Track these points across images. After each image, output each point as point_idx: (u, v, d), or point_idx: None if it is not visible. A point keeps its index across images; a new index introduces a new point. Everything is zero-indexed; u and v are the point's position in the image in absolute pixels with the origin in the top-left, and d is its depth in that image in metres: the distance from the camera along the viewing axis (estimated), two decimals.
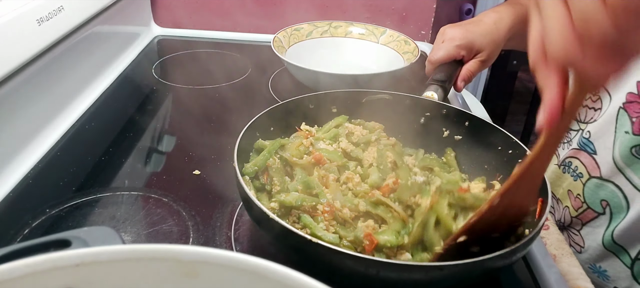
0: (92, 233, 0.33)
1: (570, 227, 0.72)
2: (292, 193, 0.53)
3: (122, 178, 0.68)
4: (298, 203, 0.52)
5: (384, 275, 0.42)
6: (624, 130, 0.61)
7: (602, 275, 0.69)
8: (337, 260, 0.43)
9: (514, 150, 0.61)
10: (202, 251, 0.23)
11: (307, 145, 0.61)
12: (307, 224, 0.51)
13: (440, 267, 0.42)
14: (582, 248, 0.70)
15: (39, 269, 0.22)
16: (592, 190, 0.67)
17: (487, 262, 0.43)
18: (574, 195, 0.70)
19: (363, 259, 0.42)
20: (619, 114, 0.62)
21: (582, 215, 0.69)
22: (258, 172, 0.57)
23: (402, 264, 0.43)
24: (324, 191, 0.54)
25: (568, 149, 0.71)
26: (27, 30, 0.67)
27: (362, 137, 0.64)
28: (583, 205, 0.68)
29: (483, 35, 0.78)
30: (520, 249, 0.45)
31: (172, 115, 0.88)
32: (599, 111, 0.65)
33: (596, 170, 0.65)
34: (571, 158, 0.70)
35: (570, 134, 0.71)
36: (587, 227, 0.69)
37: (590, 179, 0.67)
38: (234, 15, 1.21)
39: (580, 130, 0.69)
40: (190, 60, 1.09)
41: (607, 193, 0.65)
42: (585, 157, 0.67)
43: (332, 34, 1.05)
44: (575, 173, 0.69)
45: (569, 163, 0.70)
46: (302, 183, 0.54)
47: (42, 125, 0.74)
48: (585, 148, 0.67)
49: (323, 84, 0.83)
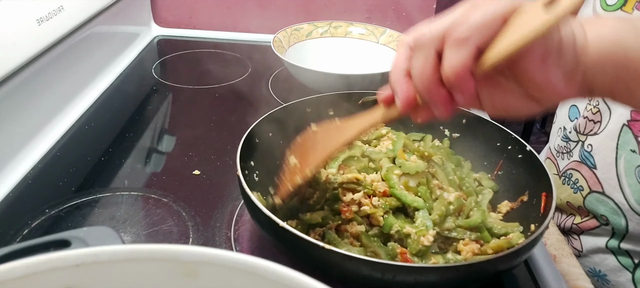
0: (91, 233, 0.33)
1: (571, 233, 0.72)
2: (317, 212, 0.53)
3: (122, 179, 0.68)
4: (325, 221, 0.52)
5: (401, 279, 0.42)
6: (628, 149, 0.61)
7: (602, 279, 0.68)
8: (352, 266, 0.43)
9: (513, 146, 0.61)
10: (202, 251, 0.23)
11: None
12: (332, 241, 0.51)
13: (456, 268, 0.43)
14: (580, 252, 0.70)
15: (39, 269, 0.22)
16: (593, 204, 0.66)
17: (500, 260, 0.44)
18: (575, 206, 0.69)
19: (380, 264, 0.43)
20: (622, 131, 0.61)
21: (582, 224, 0.69)
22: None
23: (418, 267, 0.44)
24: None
25: (568, 160, 0.70)
26: (27, 30, 0.67)
27: (372, 133, 0.64)
28: (588, 215, 0.68)
29: None
30: (531, 245, 0.46)
31: (172, 115, 0.88)
32: (598, 124, 0.65)
33: (597, 185, 0.65)
34: (572, 171, 0.69)
35: (570, 145, 0.70)
36: (587, 234, 0.69)
37: (591, 193, 0.66)
38: (234, 15, 1.21)
39: (581, 142, 0.68)
40: (190, 60, 1.09)
41: (607, 209, 0.64)
42: (586, 171, 0.66)
43: (332, 34, 1.05)
44: (575, 185, 0.68)
45: (569, 174, 0.70)
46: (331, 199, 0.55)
47: (41, 125, 0.74)
48: (586, 162, 0.66)
49: (323, 84, 0.83)
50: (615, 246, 0.66)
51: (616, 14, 0.62)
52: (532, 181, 0.57)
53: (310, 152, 0.53)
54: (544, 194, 0.53)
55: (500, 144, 0.62)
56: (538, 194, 0.54)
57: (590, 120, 0.66)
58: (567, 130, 0.71)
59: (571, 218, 0.71)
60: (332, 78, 0.83)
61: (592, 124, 0.66)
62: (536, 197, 0.55)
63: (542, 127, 2.53)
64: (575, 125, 0.69)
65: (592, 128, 0.66)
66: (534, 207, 0.55)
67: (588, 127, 0.66)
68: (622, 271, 0.66)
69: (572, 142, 0.70)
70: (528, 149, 0.58)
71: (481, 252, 0.50)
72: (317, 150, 0.52)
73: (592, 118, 0.65)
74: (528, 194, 0.57)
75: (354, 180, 0.56)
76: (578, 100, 0.70)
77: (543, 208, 0.52)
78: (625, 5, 0.62)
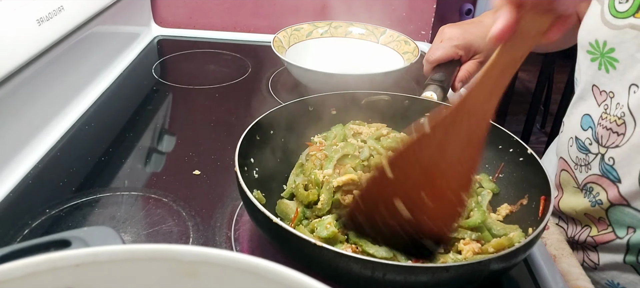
0: (91, 233, 0.33)
1: (586, 246, 0.70)
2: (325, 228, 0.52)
3: (122, 179, 0.68)
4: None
5: (390, 278, 0.42)
6: None
7: None
8: (343, 263, 0.43)
9: (514, 149, 0.61)
10: (202, 251, 0.23)
11: (322, 158, 0.60)
12: (357, 242, 0.50)
13: (446, 268, 0.42)
14: (596, 265, 0.68)
15: (39, 269, 0.22)
16: (618, 217, 0.64)
17: (493, 261, 0.43)
18: (596, 218, 0.67)
19: (369, 262, 0.42)
20: None
21: (598, 237, 0.67)
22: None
23: (409, 266, 0.43)
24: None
25: (587, 173, 0.67)
26: (27, 30, 0.67)
27: (372, 133, 0.64)
28: (608, 227, 0.66)
29: (482, 37, 0.77)
30: (525, 248, 0.45)
31: (172, 115, 0.88)
32: (622, 136, 0.62)
33: (620, 199, 0.62)
34: (592, 184, 0.66)
35: (588, 157, 0.67)
36: (603, 247, 0.67)
37: (612, 206, 0.64)
38: (234, 15, 1.21)
39: (601, 155, 0.65)
40: (190, 60, 1.09)
41: (634, 221, 0.62)
42: (608, 185, 0.64)
43: (332, 34, 1.05)
44: (595, 199, 0.66)
45: (590, 188, 0.67)
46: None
47: (42, 125, 0.74)
48: (607, 175, 0.64)
49: (323, 84, 0.83)
50: (634, 261, 0.64)
51: (628, 21, 0.60)
52: (533, 184, 0.57)
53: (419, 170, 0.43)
54: (543, 198, 0.53)
55: (502, 146, 0.62)
56: (537, 198, 0.54)
57: (614, 132, 0.63)
58: (583, 141, 0.68)
59: (587, 230, 0.69)
60: (332, 78, 0.83)
61: (616, 135, 0.62)
62: (536, 200, 0.55)
63: (542, 127, 2.53)
64: (594, 135, 0.66)
65: (614, 141, 0.63)
66: (533, 211, 0.55)
67: (611, 138, 0.63)
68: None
69: (591, 154, 0.66)
70: (529, 152, 0.58)
71: (482, 251, 0.50)
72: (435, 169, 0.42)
73: (616, 130, 0.62)
74: (528, 197, 0.57)
75: (350, 182, 0.55)
76: (591, 109, 0.67)
77: (541, 212, 0.52)
78: (637, 12, 0.60)
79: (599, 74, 0.65)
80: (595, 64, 0.65)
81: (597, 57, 0.65)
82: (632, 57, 0.60)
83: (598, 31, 0.64)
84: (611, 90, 0.63)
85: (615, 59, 0.62)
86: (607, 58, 0.63)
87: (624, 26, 0.60)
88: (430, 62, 0.79)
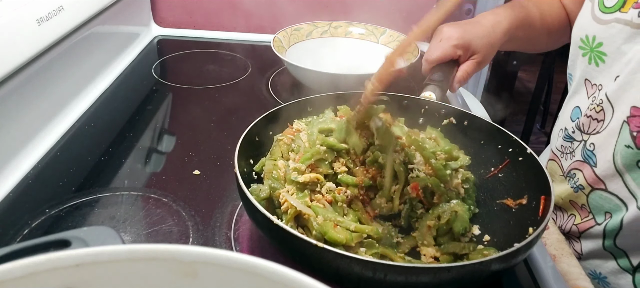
0: (91, 233, 0.33)
1: (571, 235, 0.72)
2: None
3: (122, 179, 0.68)
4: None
5: (392, 278, 0.42)
6: (624, 144, 0.61)
7: (603, 282, 0.68)
8: (344, 264, 0.43)
9: (514, 149, 0.61)
10: (202, 251, 0.23)
11: (289, 143, 0.60)
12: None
13: (448, 269, 0.42)
14: (580, 255, 0.70)
15: (38, 269, 0.22)
16: (597, 202, 0.66)
17: (494, 262, 0.43)
18: (579, 205, 0.69)
19: (370, 263, 0.42)
20: (622, 127, 0.61)
21: (581, 225, 0.69)
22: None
23: (410, 267, 0.43)
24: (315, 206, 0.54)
25: (571, 160, 0.70)
26: (27, 30, 0.67)
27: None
28: (589, 215, 0.68)
29: (480, 37, 0.77)
30: (525, 248, 0.45)
31: (172, 115, 0.88)
32: (601, 122, 0.65)
33: (599, 183, 0.65)
34: (575, 171, 0.69)
35: (573, 144, 0.70)
36: (584, 237, 0.69)
37: (593, 191, 0.66)
38: (234, 15, 1.21)
39: (583, 142, 0.68)
40: (190, 60, 1.09)
41: (611, 206, 0.64)
42: (588, 170, 0.66)
43: (332, 34, 1.05)
44: (576, 185, 0.68)
45: (573, 174, 0.69)
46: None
47: (42, 125, 0.74)
48: (588, 161, 0.66)
49: (323, 84, 0.83)
50: (611, 245, 0.65)
51: (614, 15, 0.63)
52: (532, 184, 0.57)
53: None
54: (543, 197, 0.53)
55: (502, 146, 0.62)
56: (537, 197, 0.54)
57: (594, 119, 0.66)
58: (569, 130, 0.71)
59: (571, 219, 0.71)
60: (332, 78, 0.83)
61: (596, 122, 0.66)
62: (535, 200, 0.55)
63: (542, 127, 2.53)
64: (578, 124, 0.69)
65: (595, 127, 0.66)
66: (532, 210, 0.55)
67: (591, 125, 0.66)
68: (622, 273, 0.66)
69: (575, 141, 0.70)
70: (528, 152, 0.58)
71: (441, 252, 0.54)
72: None
73: (595, 116, 0.65)
74: (527, 197, 0.57)
75: (315, 180, 0.55)
76: (582, 101, 0.70)
77: (541, 212, 0.52)
78: (623, 7, 0.62)
79: (589, 68, 0.68)
80: (585, 59, 0.68)
81: (587, 51, 0.68)
82: (618, 49, 0.63)
83: (588, 27, 0.67)
84: (600, 83, 0.66)
85: (604, 52, 0.65)
86: (596, 52, 0.66)
87: (611, 20, 0.64)
88: (429, 62, 0.79)
